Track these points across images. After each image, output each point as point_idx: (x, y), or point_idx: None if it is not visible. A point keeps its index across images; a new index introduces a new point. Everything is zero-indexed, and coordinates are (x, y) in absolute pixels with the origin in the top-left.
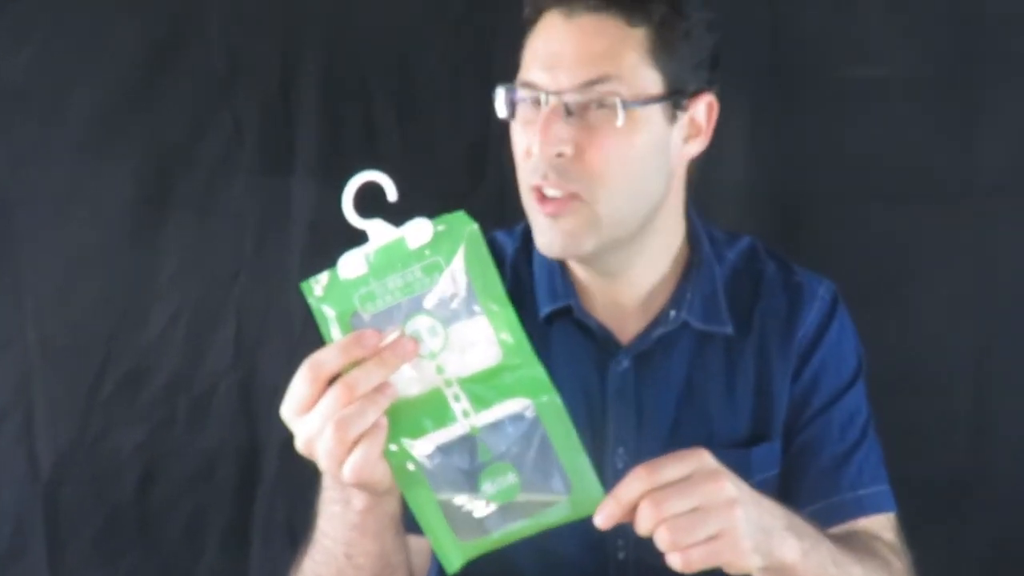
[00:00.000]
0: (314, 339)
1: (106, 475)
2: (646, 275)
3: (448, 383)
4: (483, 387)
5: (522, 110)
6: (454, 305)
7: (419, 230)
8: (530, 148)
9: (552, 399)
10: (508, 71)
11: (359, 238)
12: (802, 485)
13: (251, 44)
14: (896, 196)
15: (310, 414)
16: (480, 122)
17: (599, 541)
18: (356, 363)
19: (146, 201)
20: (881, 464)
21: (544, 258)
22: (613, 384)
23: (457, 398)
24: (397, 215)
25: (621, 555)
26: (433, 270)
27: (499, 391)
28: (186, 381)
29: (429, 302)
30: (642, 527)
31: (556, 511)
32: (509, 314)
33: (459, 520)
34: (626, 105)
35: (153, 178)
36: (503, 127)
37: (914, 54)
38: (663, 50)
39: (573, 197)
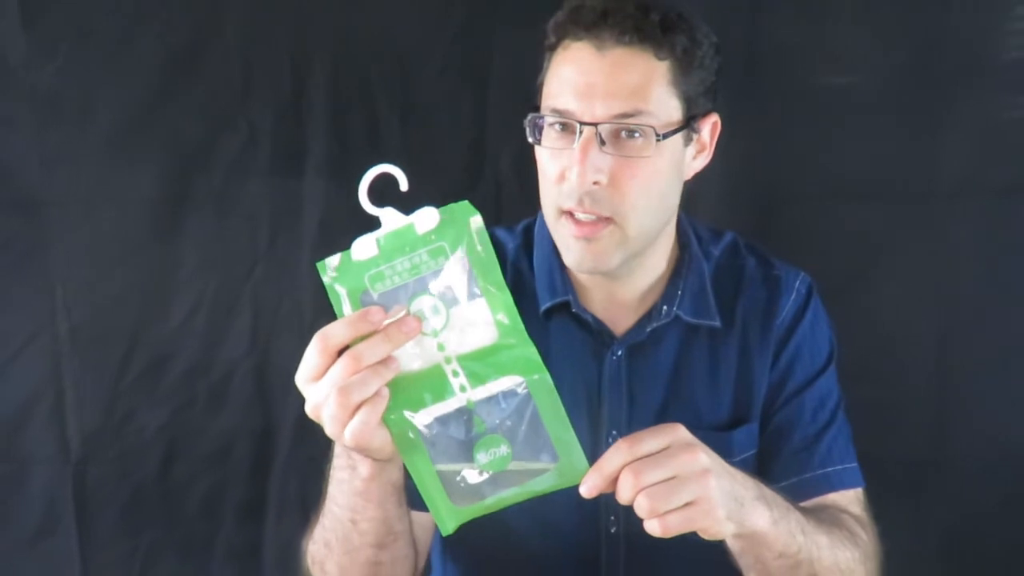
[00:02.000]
0: (324, 326)
1: (131, 454)
2: (645, 276)
3: (448, 360)
4: (480, 364)
5: (550, 136)
6: (456, 287)
7: (427, 217)
8: (564, 173)
9: (543, 377)
10: (503, 80)
11: (366, 233)
12: (777, 462)
13: (265, 55)
14: (864, 197)
15: (319, 382)
16: (477, 126)
17: (593, 514)
18: (363, 337)
19: (167, 200)
20: (850, 444)
21: (544, 256)
22: (608, 373)
23: (456, 374)
24: (402, 211)
25: (613, 528)
26: (438, 254)
27: (494, 368)
28: (205, 367)
29: (433, 284)
30: (623, 495)
31: (544, 480)
32: (506, 297)
33: (455, 486)
34: (657, 138)
35: (174, 179)
36: (499, 131)
37: (881, 63)
38: (683, 79)
39: (605, 221)
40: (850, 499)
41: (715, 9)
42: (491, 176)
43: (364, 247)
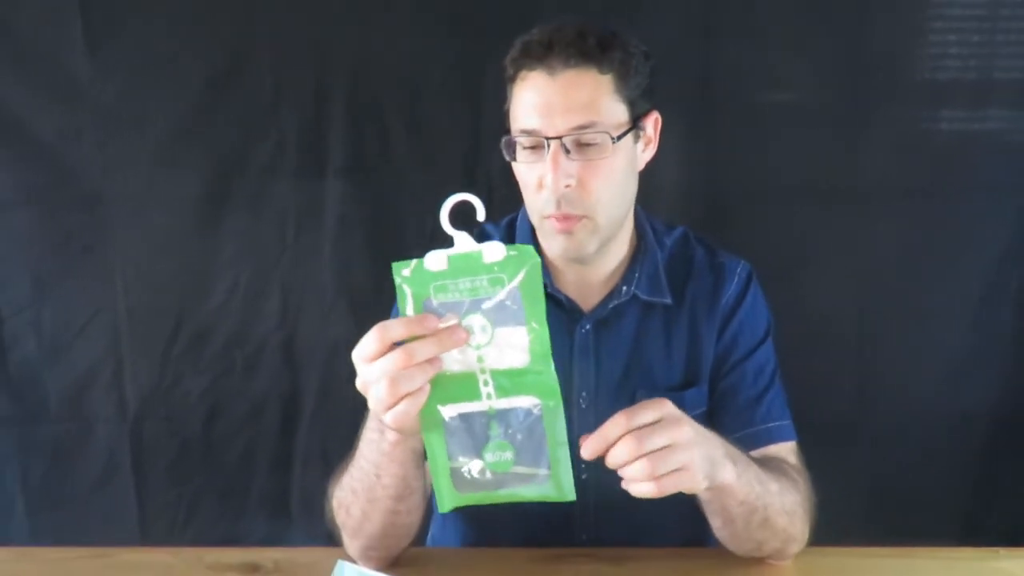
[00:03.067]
0: (342, 308)
1: (179, 414)
2: (609, 261)
3: (483, 370)
4: (508, 380)
5: (523, 153)
6: (505, 314)
7: (494, 250)
8: (541, 181)
9: (557, 404)
10: (494, 98)
11: (378, 232)
12: (724, 420)
13: (292, 75)
14: (798, 197)
15: (372, 365)
16: (471, 137)
17: None
18: (415, 337)
19: (208, 199)
20: (786, 404)
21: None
22: (578, 343)
23: (486, 383)
24: (406, 210)
25: (584, 476)
26: (496, 283)
27: (519, 387)
28: (241, 340)
29: (486, 306)
30: (618, 458)
31: (533, 489)
32: (544, 332)
33: (460, 476)
34: (612, 141)
35: (214, 181)
36: (490, 141)
37: (815, 83)
38: (624, 86)
39: (580, 217)
40: (787, 451)
41: (672, 35)
42: (483, 179)
43: (436, 260)
